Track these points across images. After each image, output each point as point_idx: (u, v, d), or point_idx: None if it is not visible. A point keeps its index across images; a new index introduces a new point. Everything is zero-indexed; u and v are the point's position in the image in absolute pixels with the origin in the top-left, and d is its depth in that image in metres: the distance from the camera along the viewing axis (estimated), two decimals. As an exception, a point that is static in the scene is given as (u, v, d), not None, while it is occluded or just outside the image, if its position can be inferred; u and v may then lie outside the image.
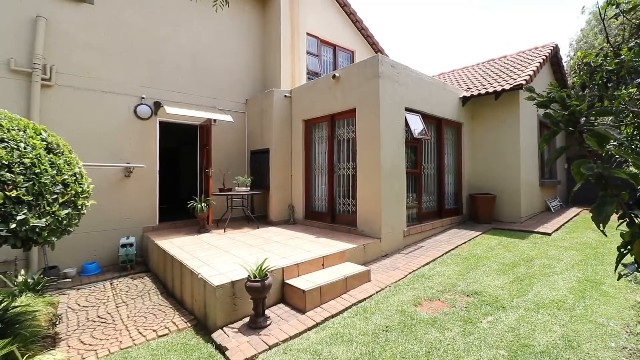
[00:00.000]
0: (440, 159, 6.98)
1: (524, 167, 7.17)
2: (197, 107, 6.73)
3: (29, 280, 3.73)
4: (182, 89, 6.75)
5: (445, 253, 5.16)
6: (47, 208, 2.86)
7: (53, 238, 2.98)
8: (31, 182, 2.76)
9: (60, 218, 2.94)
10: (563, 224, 6.85)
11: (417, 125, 5.99)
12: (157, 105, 6.27)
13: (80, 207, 3.26)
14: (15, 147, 2.77)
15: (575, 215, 7.80)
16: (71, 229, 3.17)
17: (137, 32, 6.21)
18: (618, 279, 1.61)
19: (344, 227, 5.85)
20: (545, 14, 39.37)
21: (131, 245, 5.45)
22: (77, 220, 3.26)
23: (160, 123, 6.46)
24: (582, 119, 1.12)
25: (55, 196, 2.95)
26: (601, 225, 1.14)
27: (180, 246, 4.89)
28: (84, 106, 5.58)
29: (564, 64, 9.81)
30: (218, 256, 4.31)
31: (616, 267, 1.37)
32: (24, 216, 2.65)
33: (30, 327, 2.96)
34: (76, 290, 4.69)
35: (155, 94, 6.36)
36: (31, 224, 2.71)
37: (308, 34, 8.57)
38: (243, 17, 7.88)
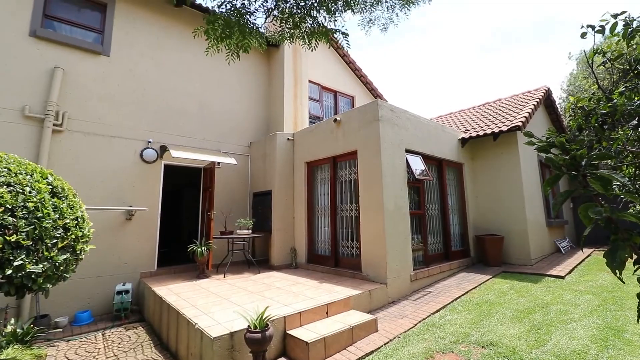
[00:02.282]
0: (444, 199, 6.95)
1: (529, 207, 7.09)
2: (202, 151, 6.89)
3: (17, 330, 3.55)
4: (188, 133, 6.97)
5: (456, 299, 4.92)
6: (46, 253, 2.81)
7: (48, 285, 2.89)
8: (32, 226, 2.74)
9: (57, 264, 2.88)
10: (576, 266, 6.60)
11: (418, 165, 6.05)
12: (163, 149, 6.43)
13: (79, 252, 3.21)
14: (21, 191, 2.80)
15: (587, 257, 7.54)
16: (67, 275, 3.09)
17: (149, 82, 6.57)
18: (643, 329, 1.50)
19: (348, 271, 5.66)
20: (537, 57, 41.68)
21: (127, 292, 5.25)
22: (74, 266, 3.19)
23: (165, 166, 6.58)
24: (584, 162, 1.12)
25: (55, 241, 2.91)
26: (617, 271, 1.09)
27: (177, 293, 4.71)
28: (92, 150, 5.72)
29: (557, 106, 10.14)
30: (217, 304, 4.12)
31: (639, 315, 1.28)
32: (21, 262, 2.59)
33: (13, 384, 2.75)
34: (66, 341, 4.43)
35: (162, 138, 6.56)
36: (27, 270, 2.64)
37: (310, 81, 9.04)
38: (249, 67, 8.37)
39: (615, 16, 2.49)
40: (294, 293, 4.57)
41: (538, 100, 8.37)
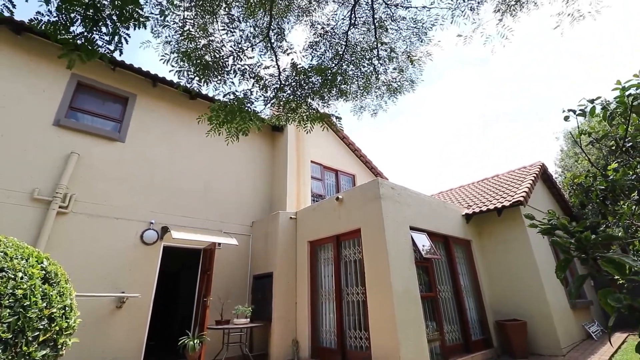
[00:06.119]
0: (455, 280, 6.55)
1: (549, 287, 6.60)
2: (203, 231, 6.83)
3: None
4: (191, 214, 6.99)
5: (482, 400, 4.23)
6: (24, 348, 2.57)
7: (17, 389, 2.56)
8: (16, 317, 2.57)
9: (33, 362, 2.60)
10: (613, 355, 5.85)
11: (424, 242, 5.89)
12: (164, 230, 6.38)
13: (60, 346, 2.93)
14: (13, 277, 2.70)
15: (622, 342, 6.74)
16: (41, 377, 2.76)
17: (158, 166, 6.88)
18: None
19: (356, 365, 5.02)
20: (528, 134, 44.17)
21: (106, 395, 4.61)
22: (51, 365, 2.87)
23: (164, 248, 6.44)
24: (591, 243, 1.08)
25: (37, 333, 2.69)
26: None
27: (163, 395, 4.12)
28: (93, 232, 5.67)
29: (555, 180, 10.31)
30: (206, 409, 3.57)
31: None
32: (-6, 359, 2.35)
33: None
34: None
35: (164, 219, 6.55)
36: (-1, 369, 2.38)
37: (312, 161, 9.48)
38: (253, 149, 8.87)
39: (591, 101, 2.72)
40: (296, 395, 3.98)
41: (535, 175, 8.57)
